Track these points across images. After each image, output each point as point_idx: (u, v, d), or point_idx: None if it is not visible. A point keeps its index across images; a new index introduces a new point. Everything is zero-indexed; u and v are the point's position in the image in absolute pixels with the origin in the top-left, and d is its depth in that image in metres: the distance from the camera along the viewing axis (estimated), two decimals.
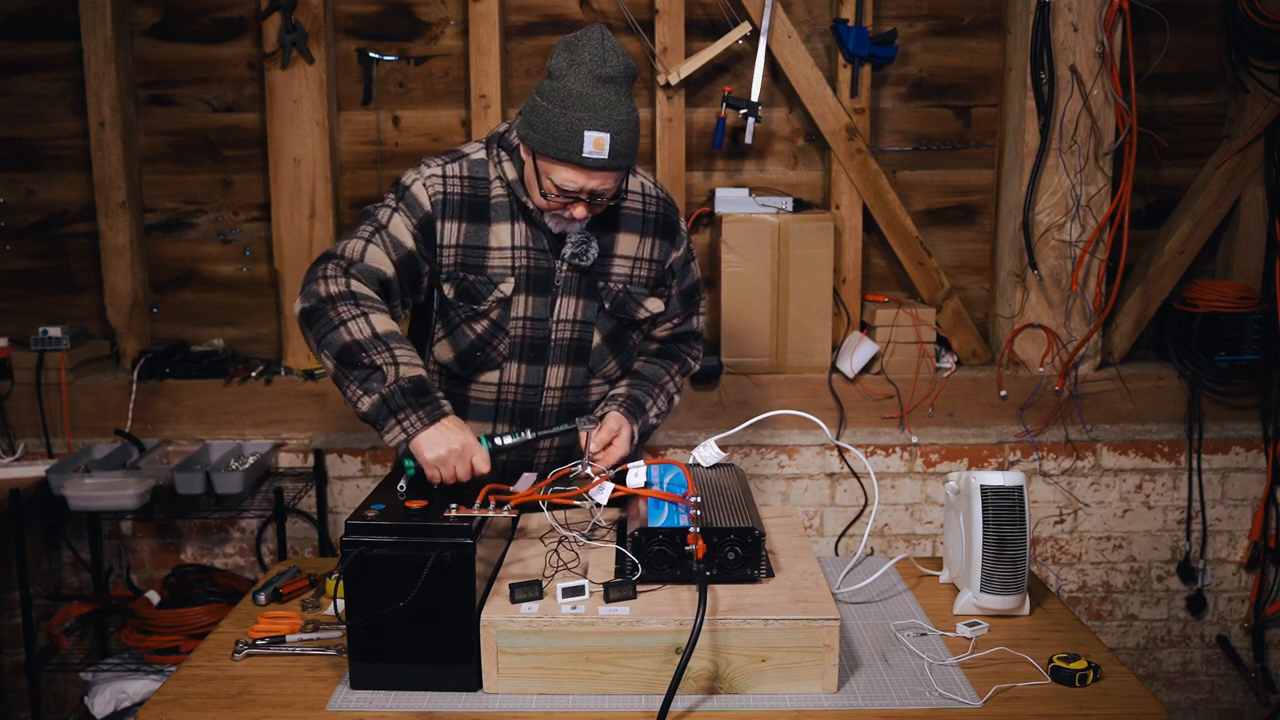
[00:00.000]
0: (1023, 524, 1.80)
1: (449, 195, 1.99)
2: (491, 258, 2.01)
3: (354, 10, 3.28)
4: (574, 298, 2.07)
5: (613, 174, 1.91)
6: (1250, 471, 3.34)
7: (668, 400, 2.19)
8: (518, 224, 2.02)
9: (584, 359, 2.11)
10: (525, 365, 2.08)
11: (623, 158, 1.89)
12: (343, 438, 3.25)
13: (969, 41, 3.34)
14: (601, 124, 1.84)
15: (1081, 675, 1.61)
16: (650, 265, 2.13)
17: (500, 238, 2.01)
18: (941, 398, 3.26)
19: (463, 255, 2.00)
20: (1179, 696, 3.46)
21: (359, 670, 1.60)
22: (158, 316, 3.44)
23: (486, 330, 2.04)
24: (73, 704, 3.33)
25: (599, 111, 1.85)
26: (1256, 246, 3.33)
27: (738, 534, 1.67)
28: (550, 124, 1.86)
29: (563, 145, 1.85)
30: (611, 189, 1.94)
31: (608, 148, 1.85)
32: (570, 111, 1.85)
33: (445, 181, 2.00)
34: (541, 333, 2.06)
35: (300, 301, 1.91)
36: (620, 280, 2.10)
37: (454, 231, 2.00)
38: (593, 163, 1.86)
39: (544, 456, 2.16)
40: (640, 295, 2.13)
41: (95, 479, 2.95)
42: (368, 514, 1.61)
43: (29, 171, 3.36)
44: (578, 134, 1.84)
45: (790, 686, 1.58)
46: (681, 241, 2.18)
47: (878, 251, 3.40)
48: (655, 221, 2.13)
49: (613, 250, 2.09)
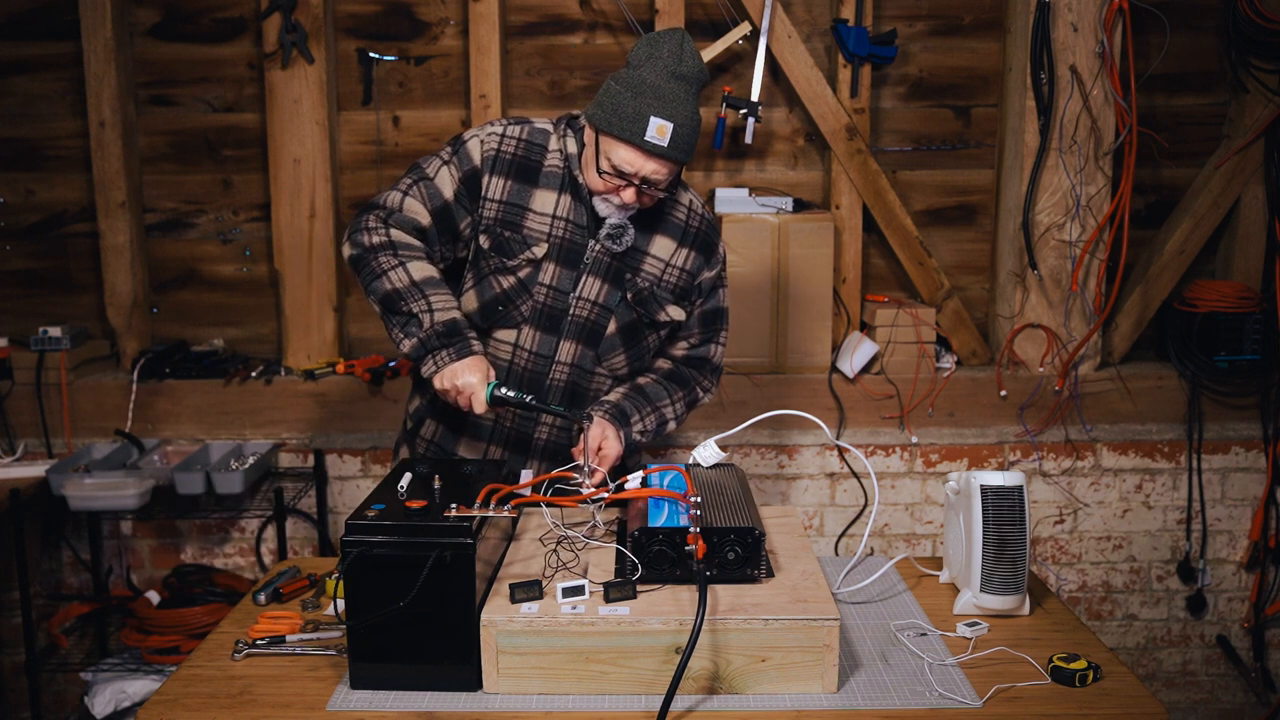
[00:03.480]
0: (1023, 524, 1.80)
1: (502, 153, 2.10)
2: (530, 220, 2.10)
3: (354, 10, 3.28)
4: (599, 280, 2.13)
5: (668, 164, 2.00)
6: (1250, 471, 3.34)
7: (658, 422, 2.19)
8: (564, 195, 2.11)
9: (595, 343, 2.16)
10: (540, 333, 2.14)
11: (681, 150, 1.98)
12: (343, 438, 3.25)
13: (969, 41, 3.34)
14: (668, 114, 1.95)
15: (1081, 675, 1.61)
16: (681, 274, 2.19)
17: (544, 204, 2.11)
18: (941, 398, 3.26)
19: (504, 211, 2.10)
20: (1179, 696, 3.46)
21: (359, 670, 1.60)
22: (158, 316, 3.44)
23: (513, 287, 2.11)
24: (73, 704, 3.33)
25: (667, 102, 1.95)
26: (1256, 246, 3.33)
27: (738, 534, 1.67)
28: (620, 105, 1.97)
29: (628, 126, 1.96)
30: (664, 179, 2.02)
31: (669, 136, 1.95)
32: (641, 97, 1.96)
33: (503, 140, 2.11)
34: (561, 305, 2.13)
35: (348, 248, 2.08)
36: (648, 279, 2.16)
37: (500, 187, 2.10)
38: (653, 148, 1.96)
39: (544, 433, 2.20)
40: (664, 299, 2.18)
41: (95, 479, 2.95)
42: (368, 514, 1.61)
43: (29, 171, 3.36)
44: (644, 118, 1.95)
45: (790, 686, 1.58)
46: (717, 264, 2.24)
47: (878, 251, 3.40)
48: (696, 236, 2.20)
49: (648, 249, 2.15)
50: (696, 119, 2.01)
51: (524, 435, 2.20)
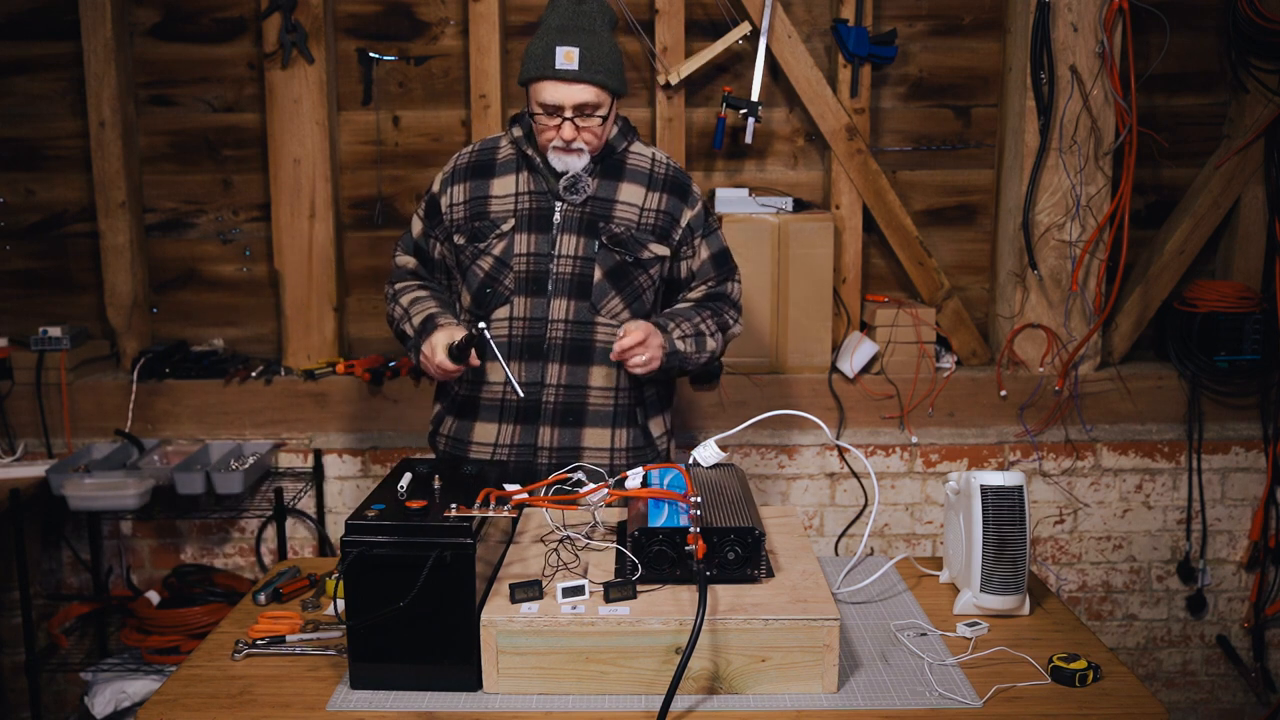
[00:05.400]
0: (1023, 524, 1.80)
1: (458, 167, 2.32)
2: (494, 204, 2.26)
3: (354, 10, 3.28)
4: (574, 235, 2.23)
5: (590, 87, 2.12)
6: (1250, 471, 3.34)
7: (694, 332, 2.26)
8: (521, 174, 2.27)
9: (586, 293, 2.23)
10: (530, 299, 2.23)
11: (595, 70, 2.12)
12: (343, 438, 3.25)
13: (969, 41, 3.34)
14: (572, 41, 2.11)
15: (1081, 675, 1.61)
16: (657, 215, 2.28)
17: (504, 187, 2.27)
18: (941, 398, 3.26)
19: (469, 208, 2.27)
20: (1179, 696, 3.46)
21: (359, 670, 1.60)
22: (158, 316, 3.44)
23: (493, 266, 2.24)
24: (73, 704, 3.33)
25: (569, 32, 2.12)
26: (1256, 246, 3.33)
27: (738, 534, 1.67)
28: (530, 52, 2.15)
29: (538, 63, 2.13)
30: (593, 104, 2.14)
31: (578, 60, 2.10)
32: (544, 37, 2.14)
33: (457, 159, 2.34)
34: (544, 268, 2.23)
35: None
36: (623, 224, 2.25)
37: (461, 191, 2.29)
38: (565, 74, 2.10)
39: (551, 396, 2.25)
40: (644, 239, 2.26)
41: (95, 479, 2.95)
42: (368, 514, 1.61)
43: (29, 171, 3.36)
44: (550, 51, 2.11)
45: (790, 686, 1.58)
46: (696, 202, 2.32)
47: (878, 251, 3.40)
48: (665, 180, 2.31)
49: (616, 198, 2.26)
50: (607, 42, 2.15)
51: (531, 406, 2.25)
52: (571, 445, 2.25)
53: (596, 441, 2.27)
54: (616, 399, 2.28)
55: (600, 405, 2.26)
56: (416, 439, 3.23)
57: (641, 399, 2.32)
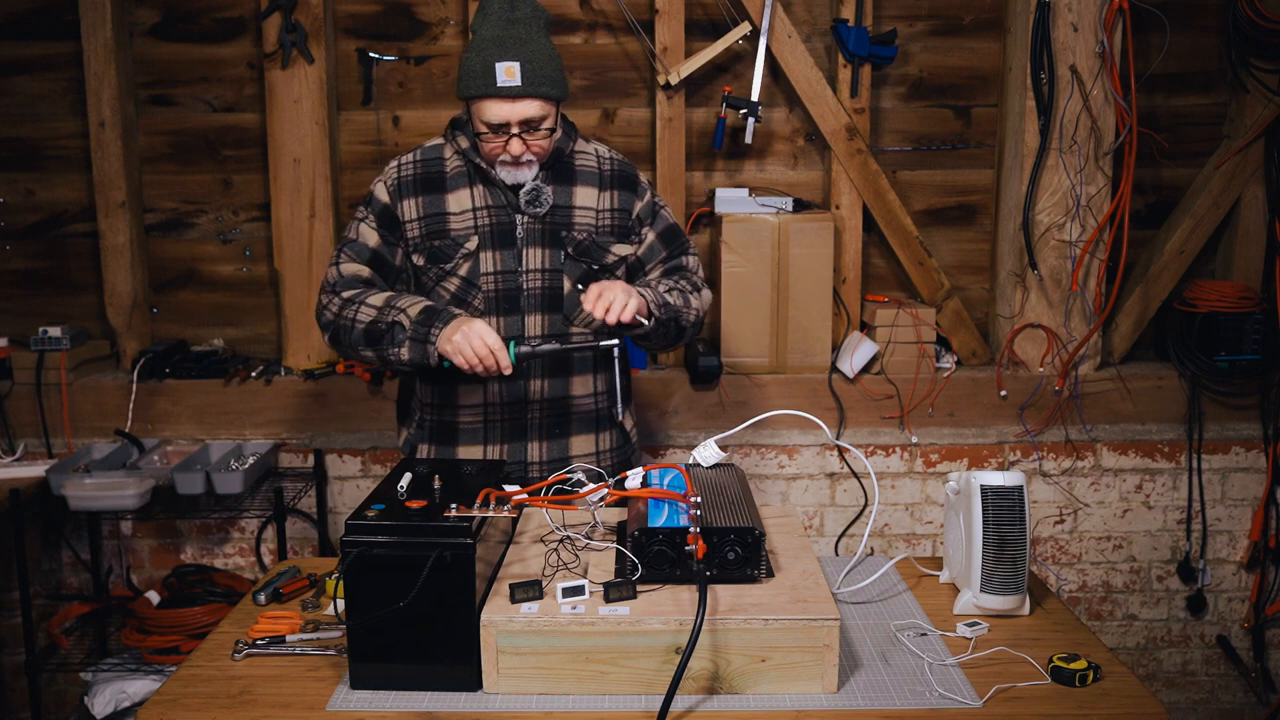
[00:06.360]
0: (1023, 524, 1.80)
1: (403, 179, 2.21)
2: (452, 221, 2.18)
3: (354, 10, 3.28)
4: (539, 248, 2.19)
5: (534, 101, 2.06)
6: (1250, 471, 3.34)
7: (678, 290, 2.23)
8: (475, 187, 2.19)
9: (558, 306, 2.22)
10: (503, 318, 2.19)
11: (538, 84, 2.05)
12: (343, 438, 3.25)
13: (969, 41, 3.34)
14: (511, 55, 2.04)
15: (1081, 675, 1.61)
16: (613, 214, 2.26)
17: (460, 202, 2.19)
18: (941, 398, 3.26)
19: (425, 225, 2.19)
20: (1179, 696, 3.46)
21: (359, 670, 1.60)
22: (158, 316, 3.44)
23: (459, 288, 2.19)
24: (73, 704, 3.33)
25: (508, 46, 2.05)
26: (1256, 246, 3.33)
27: (738, 534, 1.67)
28: (468, 68, 2.08)
29: (479, 81, 2.05)
30: (538, 118, 2.08)
31: (519, 75, 2.03)
32: (482, 51, 2.06)
33: (400, 169, 2.22)
34: (513, 284, 2.19)
35: (323, 335, 2.21)
36: (584, 230, 2.22)
37: (413, 207, 2.19)
38: (507, 90, 2.04)
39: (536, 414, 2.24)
40: (606, 242, 2.24)
41: (95, 479, 2.95)
42: (368, 514, 1.61)
43: (29, 171, 3.36)
44: (490, 68, 2.04)
45: (790, 686, 1.58)
46: (644, 191, 2.30)
47: (878, 251, 3.40)
48: (613, 176, 2.28)
49: (572, 203, 2.22)
50: (547, 51, 2.08)
51: (518, 423, 2.23)
52: (560, 456, 2.27)
53: (584, 448, 2.29)
54: (596, 403, 2.30)
55: (583, 412, 2.28)
56: None
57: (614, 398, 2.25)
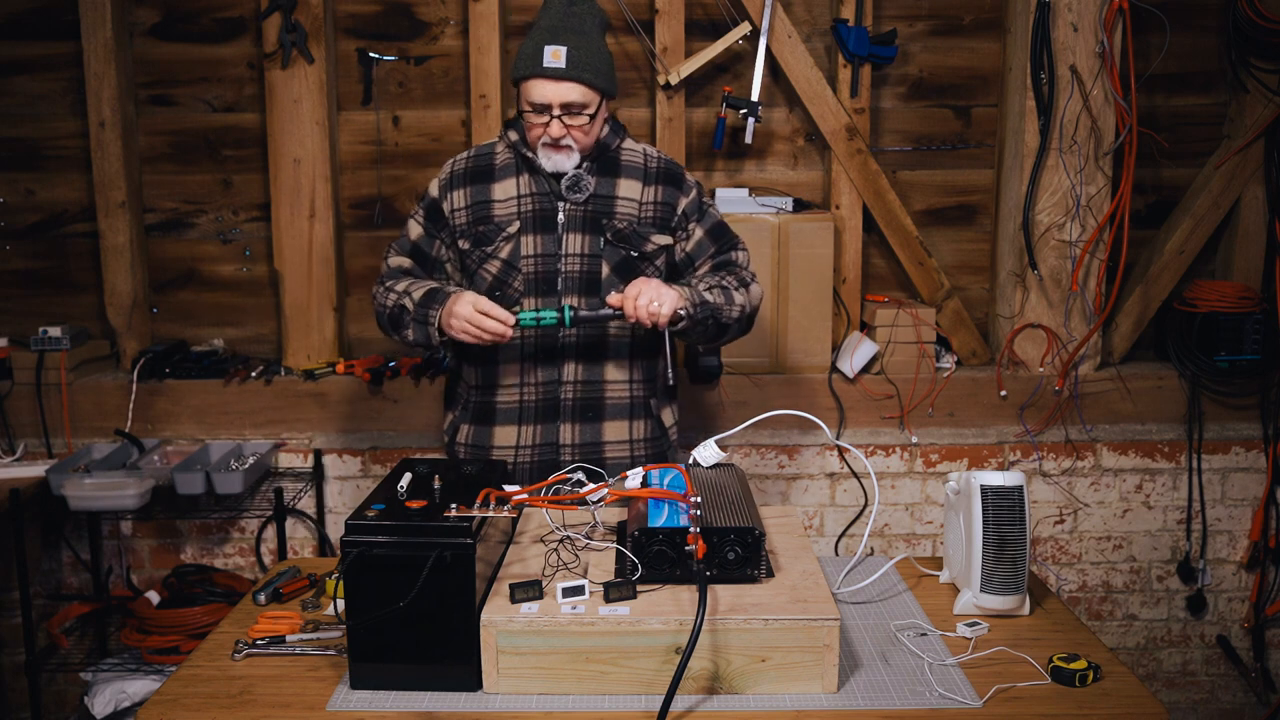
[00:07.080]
0: (1023, 524, 1.80)
1: (455, 173, 2.34)
2: (497, 208, 2.29)
3: (354, 10, 3.28)
4: (579, 234, 2.27)
5: (576, 85, 2.16)
6: (1250, 471, 3.34)
7: (719, 288, 2.25)
8: (521, 177, 2.29)
9: (595, 290, 2.26)
10: (540, 300, 2.27)
11: (582, 69, 2.16)
12: (343, 438, 3.25)
13: (969, 41, 3.34)
14: (560, 40, 2.16)
15: (1081, 675, 1.61)
16: (656, 207, 2.32)
17: (506, 190, 2.29)
18: (941, 398, 3.26)
19: (472, 213, 2.30)
20: (1179, 696, 3.46)
21: (359, 670, 1.60)
22: (158, 316, 3.44)
23: (501, 269, 2.27)
24: (73, 704, 3.33)
25: (559, 32, 2.17)
26: (1256, 246, 3.33)
27: (738, 534, 1.67)
28: (522, 51, 2.20)
29: (527, 62, 2.17)
30: (580, 103, 2.17)
31: (564, 59, 2.14)
32: (536, 36, 2.19)
33: (454, 164, 2.36)
34: (552, 268, 2.27)
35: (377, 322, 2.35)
36: (625, 219, 2.28)
37: (461, 197, 2.31)
38: (552, 71, 2.15)
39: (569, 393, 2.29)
40: (646, 232, 2.29)
41: (95, 479, 2.95)
42: (368, 514, 1.61)
43: (29, 171, 3.36)
44: (539, 50, 2.16)
45: (790, 686, 1.58)
46: (690, 189, 2.36)
47: (878, 251, 3.40)
48: (659, 173, 2.34)
49: (615, 194, 2.29)
50: (597, 45, 2.20)
51: (550, 404, 2.28)
52: (593, 440, 2.30)
53: (616, 434, 2.33)
54: (631, 391, 2.34)
55: (617, 399, 2.32)
56: (416, 439, 3.23)
57: (654, 390, 2.37)
